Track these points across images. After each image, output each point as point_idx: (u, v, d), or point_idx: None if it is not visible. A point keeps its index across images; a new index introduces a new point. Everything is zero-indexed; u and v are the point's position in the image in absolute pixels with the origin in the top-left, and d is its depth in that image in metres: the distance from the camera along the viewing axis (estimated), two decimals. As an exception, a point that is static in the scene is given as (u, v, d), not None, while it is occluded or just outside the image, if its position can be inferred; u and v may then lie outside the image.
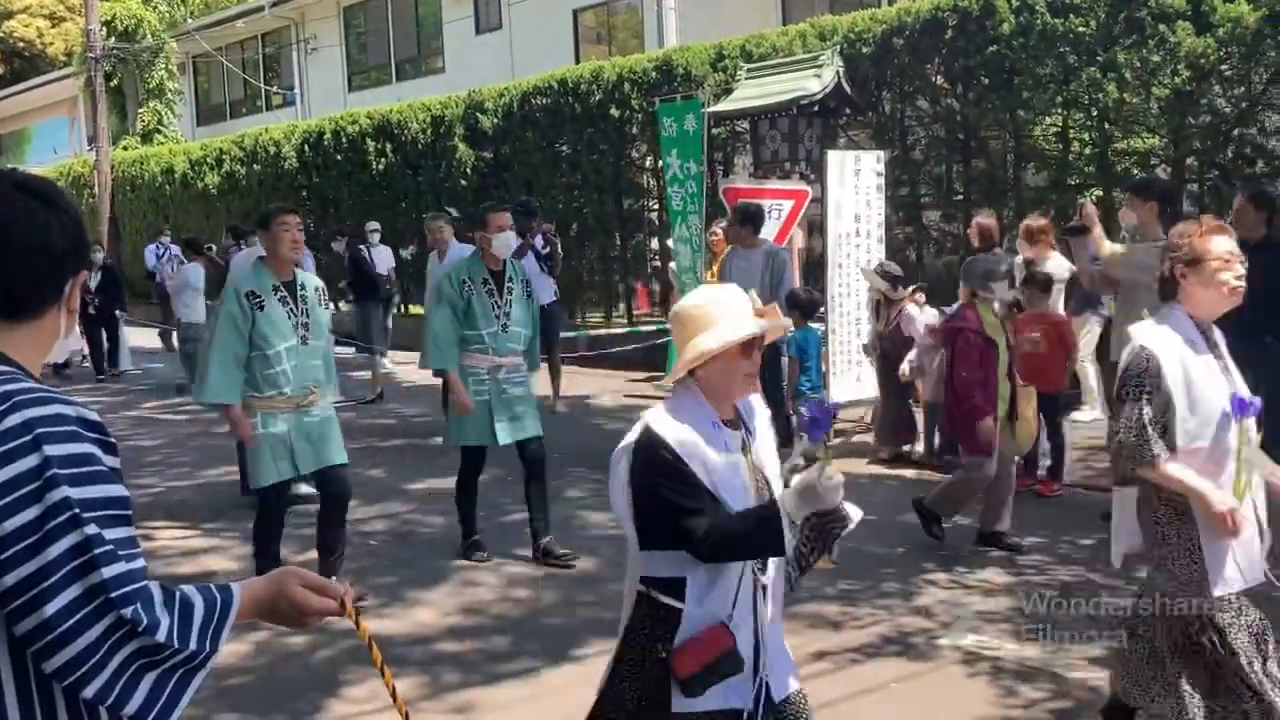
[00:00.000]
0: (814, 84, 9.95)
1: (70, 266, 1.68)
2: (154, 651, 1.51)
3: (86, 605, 1.46)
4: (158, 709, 1.53)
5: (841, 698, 4.17)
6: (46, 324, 1.66)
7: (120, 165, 22.91)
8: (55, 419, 1.52)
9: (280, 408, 5.17)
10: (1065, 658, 4.45)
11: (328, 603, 1.76)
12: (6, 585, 1.45)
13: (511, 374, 5.97)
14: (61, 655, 1.46)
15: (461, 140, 15.61)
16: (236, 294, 5.12)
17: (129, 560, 1.51)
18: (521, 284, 6.06)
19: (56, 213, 1.65)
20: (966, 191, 11.32)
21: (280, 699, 4.25)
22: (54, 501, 1.47)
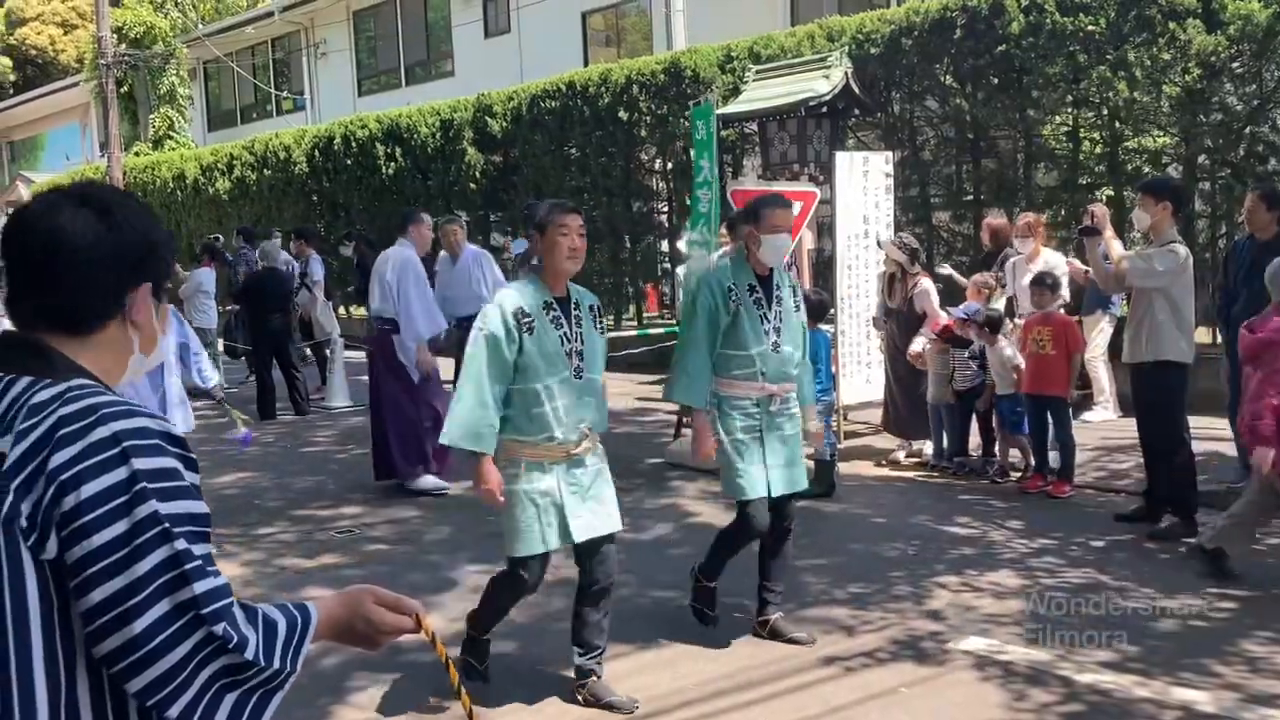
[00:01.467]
0: (822, 85, 9.92)
1: (130, 278, 1.64)
2: (238, 671, 1.49)
3: (176, 621, 1.44)
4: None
5: (851, 702, 4.14)
6: (110, 337, 1.63)
7: (132, 171, 23.00)
8: (141, 432, 1.49)
9: (549, 456, 4.07)
10: (1076, 661, 4.41)
11: (403, 620, 1.74)
12: (93, 602, 1.42)
13: (785, 405, 4.82)
14: (147, 674, 1.42)
15: (470, 144, 15.62)
16: (502, 314, 4.02)
17: (215, 577, 1.49)
18: (790, 292, 4.95)
19: (110, 223, 1.61)
20: (976, 192, 11.28)
21: (287, 705, 4.21)
22: (144, 515, 1.44)
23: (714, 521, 6.73)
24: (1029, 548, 5.99)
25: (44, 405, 1.49)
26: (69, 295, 1.59)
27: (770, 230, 4.74)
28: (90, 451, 1.45)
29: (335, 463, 9.02)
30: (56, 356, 1.57)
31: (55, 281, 1.58)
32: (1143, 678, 4.24)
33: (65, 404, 1.49)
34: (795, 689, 4.29)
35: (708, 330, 4.69)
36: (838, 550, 6.14)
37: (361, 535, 6.77)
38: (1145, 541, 6.04)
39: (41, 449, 1.45)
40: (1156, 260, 6.10)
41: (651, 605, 5.34)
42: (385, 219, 16.61)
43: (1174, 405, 6.17)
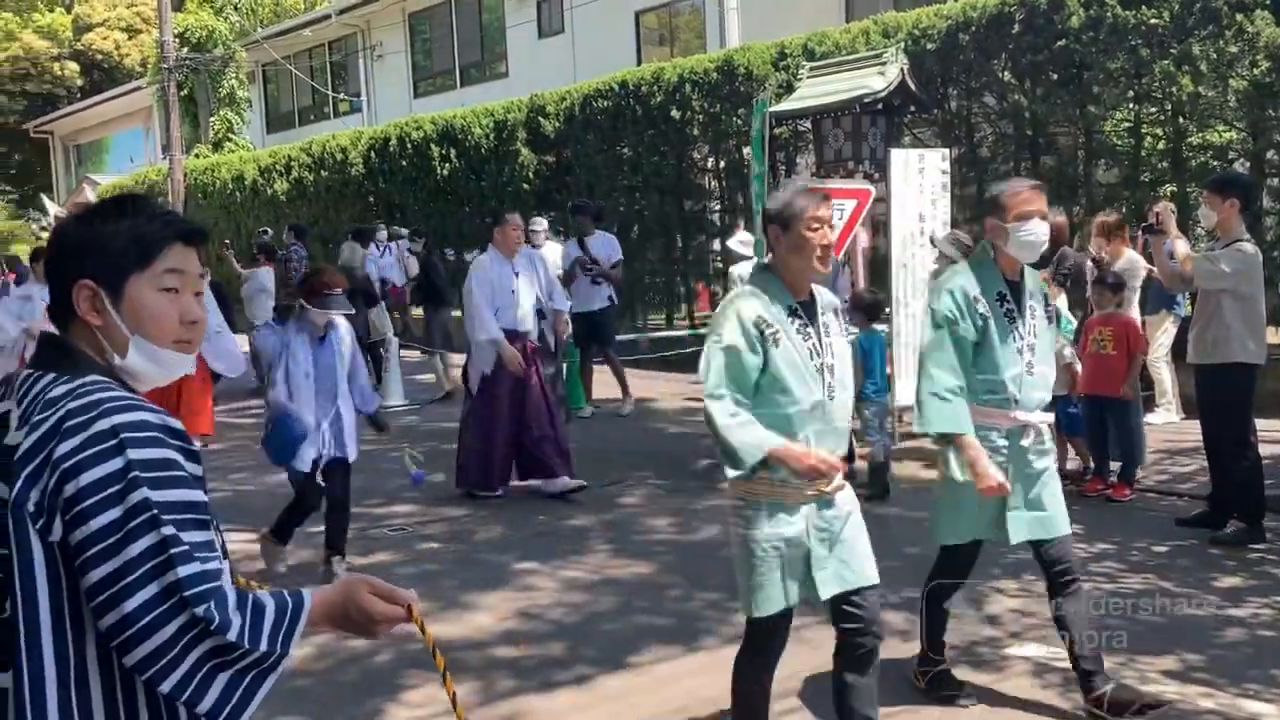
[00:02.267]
0: (878, 82, 9.79)
1: (69, 272, 1.73)
2: (226, 651, 1.57)
3: (164, 603, 1.53)
4: (229, 709, 1.59)
5: (905, 709, 4.07)
6: (86, 330, 1.72)
7: (192, 173, 23.40)
8: (139, 425, 1.60)
9: (796, 498, 3.31)
10: (1137, 669, 4.30)
11: (396, 610, 1.79)
12: (92, 581, 1.53)
13: (1039, 440, 4.01)
14: (140, 650, 1.52)
15: (524, 144, 15.68)
16: (740, 322, 3.25)
17: (204, 562, 1.57)
18: (1042, 301, 4.12)
19: (69, 223, 1.78)
20: (1035, 189, 11.07)
21: (341, 702, 4.27)
22: (135, 502, 1.55)
23: (766, 523, 6.67)
24: (1088, 552, 5.85)
25: (57, 400, 1.62)
26: (55, 293, 1.75)
27: (1020, 217, 3.92)
28: (91, 442, 1.57)
29: (390, 461, 9.06)
30: (79, 355, 1.70)
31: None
32: (1208, 688, 4.12)
33: (75, 399, 1.62)
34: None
35: (952, 348, 3.92)
36: (892, 554, 6.02)
37: (414, 533, 6.81)
38: (1209, 547, 5.89)
39: (49, 440, 1.58)
40: (1223, 261, 5.93)
41: (701, 607, 5.30)
42: (440, 220, 16.76)
43: (1240, 407, 6.00)
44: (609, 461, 8.53)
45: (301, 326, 5.78)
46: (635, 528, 6.73)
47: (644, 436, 9.57)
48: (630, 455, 8.73)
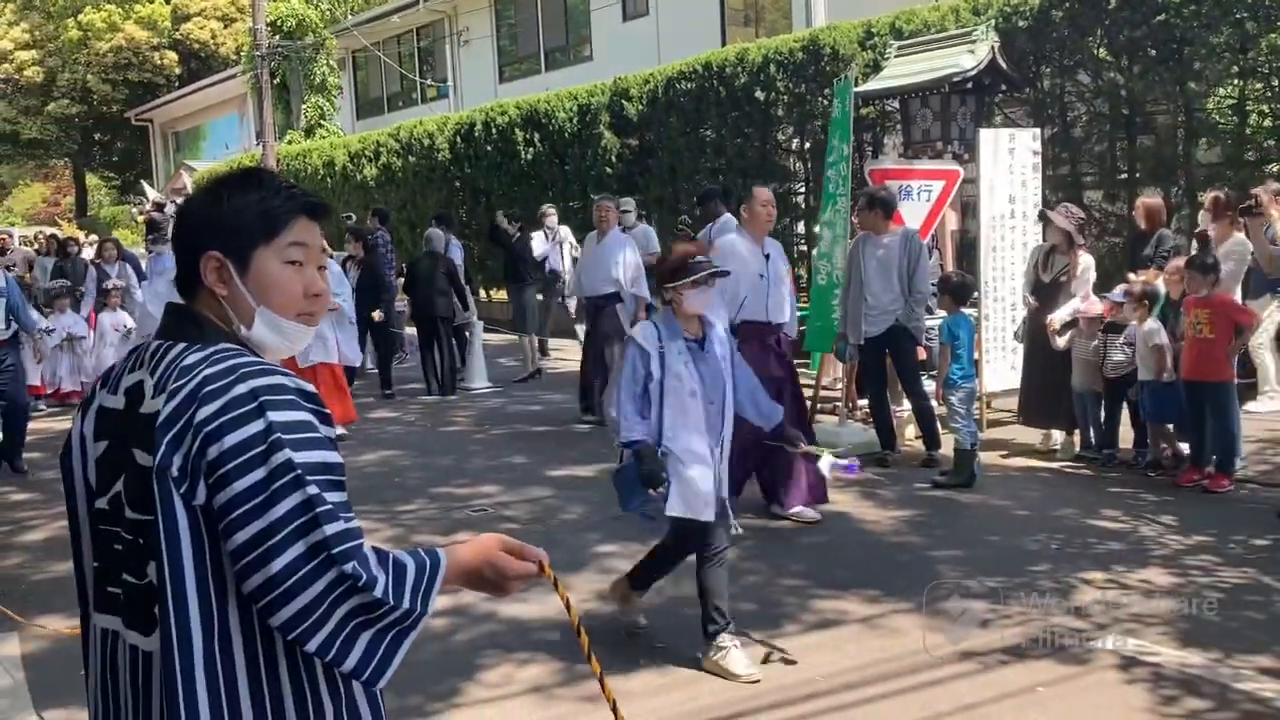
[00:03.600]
0: (968, 60, 9.58)
1: (201, 244, 1.76)
2: (371, 609, 1.58)
3: (310, 561, 1.54)
4: (373, 666, 1.61)
5: (983, 701, 4.00)
6: (210, 299, 1.76)
7: (285, 159, 23.88)
8: (277, 388, 1.63)
9: None
10: (1232, 666, 4.16)
11: (529, 567, 1.80)
12: (237, 543, 1.55)
13: None
14: (287, 610, 1.54)
15: (607, 128, 15.67)
16: None
17: (347, 521, 1.59)
18: None
19: (196, 195, 1.83)
20: (1131, 170, 10.75)
21: (418, 681, 4.33)
22: (279, 463, 1.56)
23: (848, 510, 6.62)
24: (1183, 545, 5.68)
25: (192, 367, 1.64)
26: (180, 267, 1.79)
27: None
28: (231, 406, 1.59)
29: (475, 443, 9.19)
30: (208, 324, 1.73)
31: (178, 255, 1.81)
32: (1307, 687, 3.97)
33: (210, 365, 1.64)
34: (925, 685, 4.17)
35: None
36: (976, 542, 5.94)
37: (496, 514, 6.88)
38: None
39: (189, 405, 1.60)
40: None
41: (782, 593, 5.27)
42: (525, 204, 16.85)
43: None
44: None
45: (672, 327, 4.36)
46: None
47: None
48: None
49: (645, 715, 4.00)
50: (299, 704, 1.64)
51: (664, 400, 4.30)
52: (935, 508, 6.63)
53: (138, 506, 1.63)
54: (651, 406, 4.31)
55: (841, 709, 4.02)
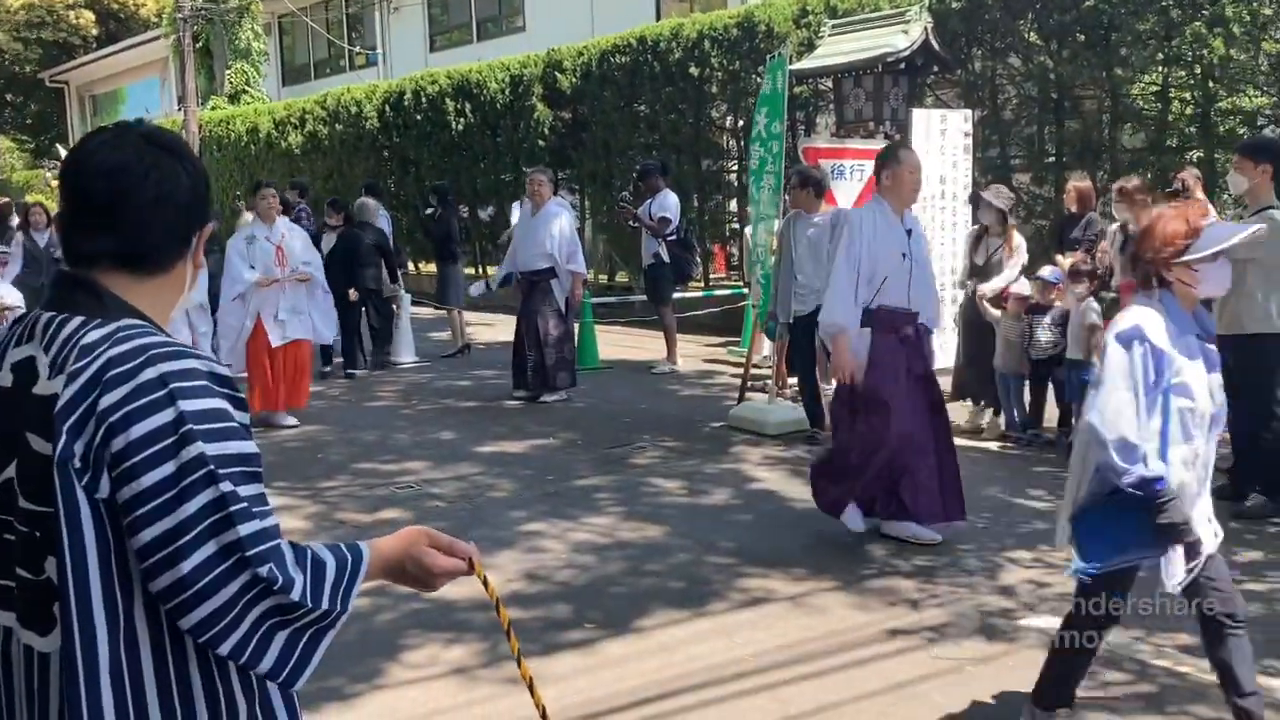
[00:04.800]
0: (901, 41, 9.60)
1: (197, 219, 1.68)
2: (287, 610, 1.50)
3: (223, 563, 1.45)
4: (290, 668, 1.53)
5: (913, 679, 4.01)
6: (174, 278, 1.67)
7: (207, 125, 23.26)
8: (188, 373, 1.51)
9: None
10: (1153, 643, 4.22)
11: (456, 563, 1.73)
12: (143, 541, 1.44)
13: None
14: (197, 612, 1.45)
15: (540, 100, 15.49)
16: None
17: (262, 518, 1.49)
18: None
19: (183, 164, 1.65)
20: (1059, 153, 10.89)
21: (339, 662, 4.21)
22: (190, 457, 1.45)
23: (777, 489, 6.61)
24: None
25: (94, 346, 1.50)
26: (150, 236, 1.61)
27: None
28: (138, 393, 1.47)
29: (401, 418, 9.03)
30: (108, 297, 1.58)
31: (138, 223, 1.60)
32: (1225, 664, 4.03)
33: (114, 345, 1.50)
34: (855, 663, 4.16)
35: None
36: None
37: (423, 491, 6.76)
38: (1230, 521, 5.76)
39: (91, 390, 1.47)
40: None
41: (711, 571, 5.23)
42: (455, 175, 16.61)
43: (1264, 379, 5.87)
44: (620, 422, 8.46)
45: (1180, 318, 3.16)
46: (645, 490, 6.66)
47: (656, 397, 9.49)
48: (641, 417, 8.65)
49: (573, 696, 3.95)
50: (211, 705, 1.54)
51: (1167, 417, 3.12)
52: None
53: (34, 497, 1.50)
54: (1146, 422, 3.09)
55: (770, 688, 4.00)
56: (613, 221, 14.07)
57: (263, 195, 8.70)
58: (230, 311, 8.51)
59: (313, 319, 8.79)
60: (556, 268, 9.16)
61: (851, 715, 3.82)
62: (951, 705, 3.84)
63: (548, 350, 9.21)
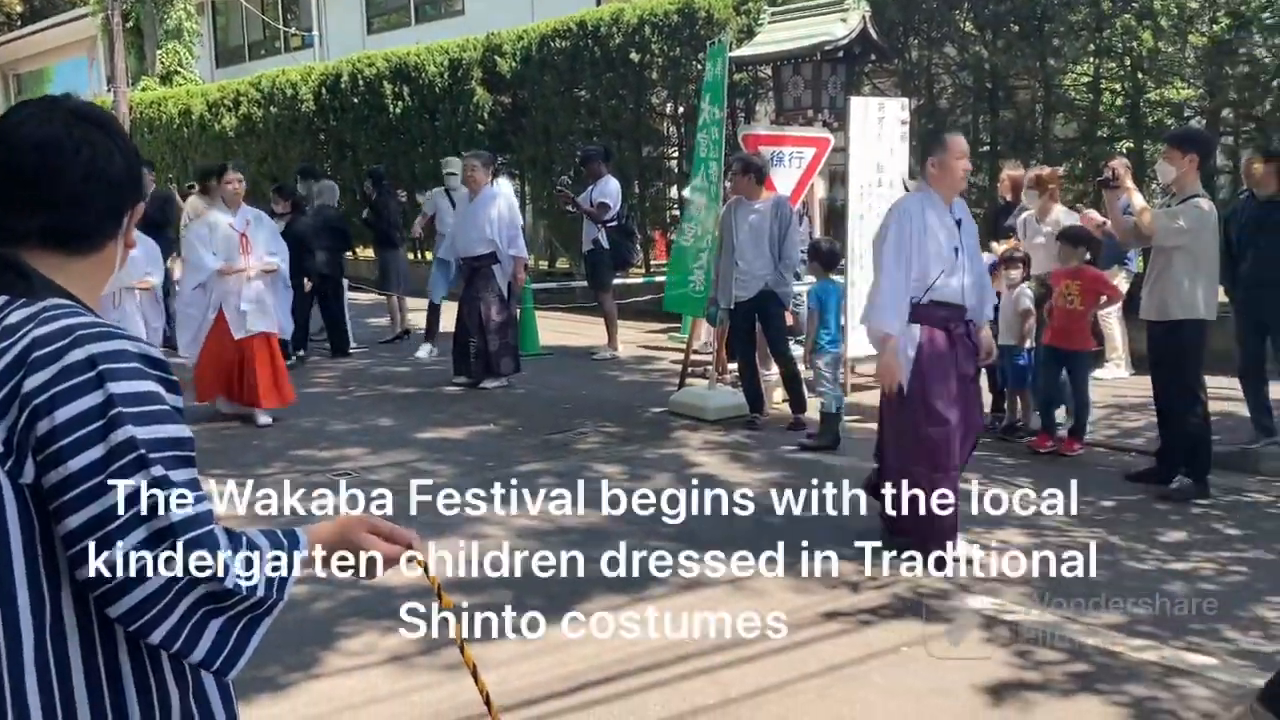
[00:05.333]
0: (839, 29, 9.69)
1: (129, 197, 1.61)
2: (221, 598, 1.46)
3: (153, 549, 1.41)
4: (223, 656, 1.49)
5: (851, 660, 4.07)
6: (104, 257, 1.61)
7: (138, 106, 22.75)
8: (118, 354, 1.45)
9: None
10: (1084, 623, 4.32)
11: (395, 550, 1.71)
12: (70, 528, 1.39)
13: None
14: (127, 600, 1.40)
15: (479, 84, 15.37)
16: None
17: (196, 503, 1.45)
18: None
19: (114, 140, 1.58)
20: (993, 142, 11.05)
21: (274, 651, 4.16)
22: (120, 441, 1.40)
23: (717, 473, 6.65)
24: (1038, 506, 5.86)
25: (18, 326, 1.45)
26: (81, 213, 1.55)
27: None
28: (65, 375, 1.41)
29: (338, 405, 8.93)
30: (36, 276, 1.52)
31: (69, 199, 1.54)
32: (1152, 641, 4.14)
33: (40, 325, 1.45)
34: (794, 646, 4.21)
35: None
36: (844, 504, 6.02)
37: (360, 478, 6.69)
38: (1156, 502, 5.93)
39: (15, 372, 1.42)
40: (1182, 217, 5.92)
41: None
42: (392, 159, 16.42)
43: (1190, 363, 6.03)
44: (561, 408, 8.45)
45: None
46: (586, 475, 6.66)
47: (596, 383, 9.49)
48: (582, 402, 8.65)
49: (515, 681, 3.95)
50: (142, 696, 1.49)
51: None
52: (801, 469, 6.72)
53: None
54: None
55: (710, 671, 4.03)
56: (553, 207, 14.02)
57: (229, 179, 8.17)
58: (191, 301, 8.07)
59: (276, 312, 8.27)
60: (498, 252, 9.10)
61: (790, 697, 3.87)
62: (889, 686, 3.90)
63: (490, 336, 9.17)
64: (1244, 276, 6.77)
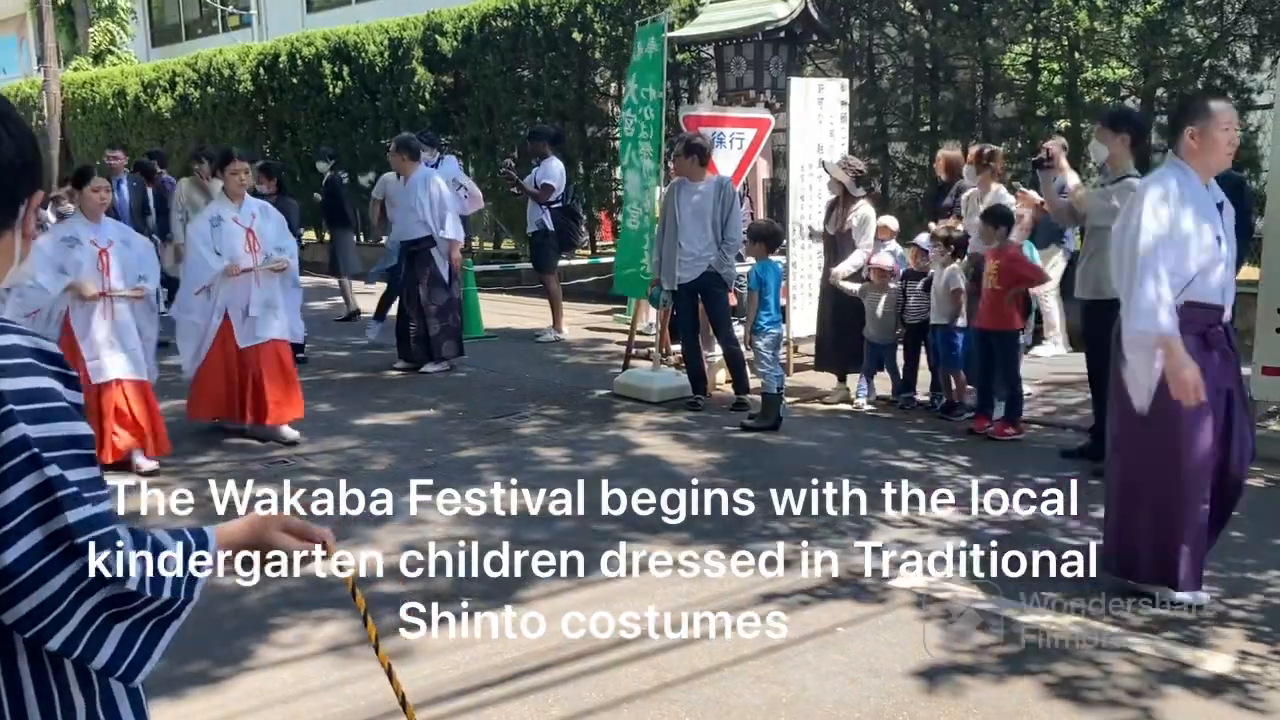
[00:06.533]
0: (780, 9, 9.66)
1: (25, 185, 1.52)
2: (124, 601, 1.41)
3: (50, 552, 1.36)
4: (128, 662, 1.44)
5: (787, 642, 4.07)
6: (4, 247, 1.51)
7: (70, 87, 22.22)
8: (9, 350, 1.40)
9: None
10: (1017, 600, 4.36)
11: (309, 547, 1.67)
12: None
13: None
14: (23, 605, 1.35)
15: (420, 63, 15.19)
16: None
17: (95, 503, 1.40)
18: None
19: (6, 124, 1.49)
20: (934, 122, 11.12)
21: (205, 644, 4.10)
22: (10, 440, 1.35)
23: (659, 454, 6.64)
24: (974, 484, 5.94)
25: None
26: None
27: None
28: None
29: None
30: None
31: None
32: (1083, 618, 4.20)
33: None
34: (732, 627, 4.21)
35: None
36: (780, 484, 6.04)
37: (297, 465, 6.61)
38: (1091, 479, 6.00)
39: None
40: (1115, 197, 5.97)
41: (593, 539, 5.23)
42: (333, 140, 16.18)
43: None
44: (504, 391, 8.40)
45: None
46: (528, 459, 6.64)
47: (540, 366, 9.44)
48: (526, 385, 8.60)
49: (450, 671, 3.93)
50: (44, 704, 1.45)
51: None
52: (743, 450, 6.74)
53: None
54: None
55: (647, 655, 4.03)
56: (498, 188, 13.90)
57: (234, 169, 7.07)
58: (193, 308, 7.06)
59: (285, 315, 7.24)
60: (435, 235, 9.01)
61: (727, 679, 3.88)
62: (824, 666, 3.92)
63: (431, 320, 9.08)
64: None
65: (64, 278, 6.24)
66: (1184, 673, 3.82)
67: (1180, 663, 3.89)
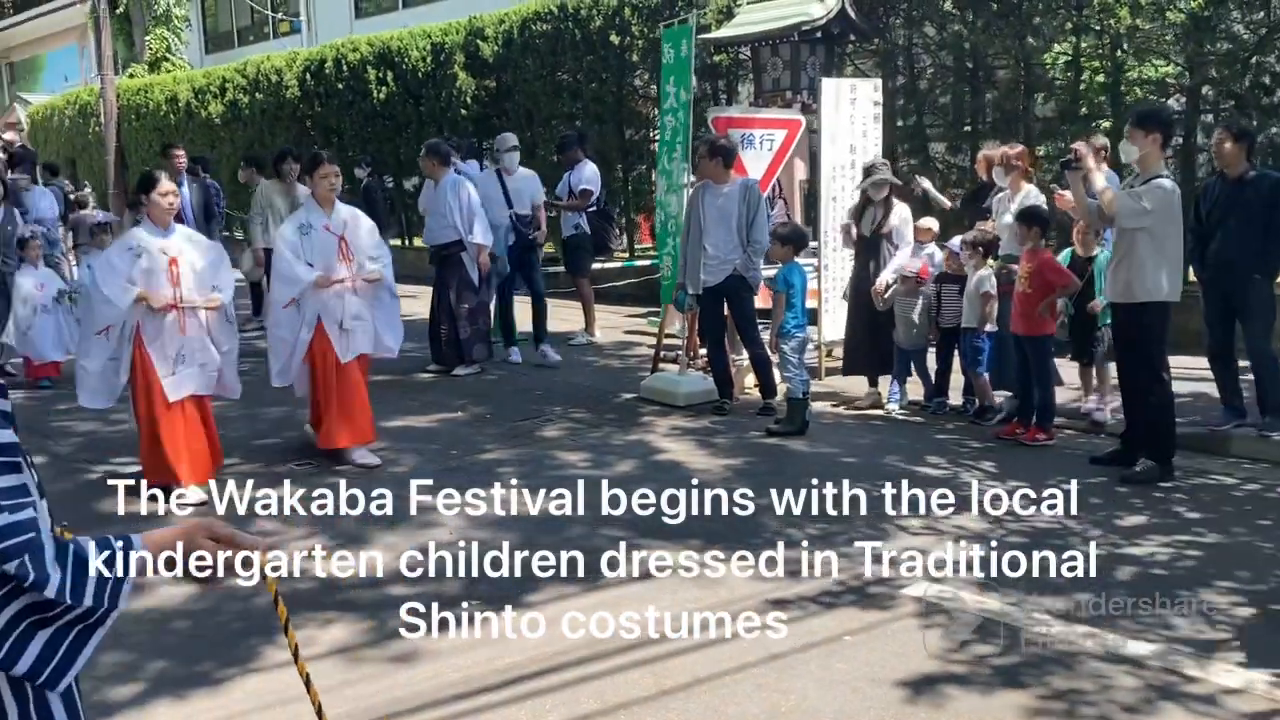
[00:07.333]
0: (817, 9, 9.57)
1: None
2: (44, 609, 1.42)
3: None
4: (51, 668, 1.44)
5: (791, 650, 4.02)
6: None
7: (125, 94, 22.66)
8: None
9: None
10: (1027, 609, 4.27)
11: (235, 555, 1.69)
12: None
13: None
14: None
15: (462, 68, 15.27)
16: None
17: (14, 511, 1.40)
18: None
19: None
20: (975, 122, 10.95)
21: (216, 645, 4.14)
22: None
23: (682, 460, 6.60)
24: (999, 491, 5.81)
25: None
26: None
27: None
28: None
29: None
30: None
31: None
32: (1093, 628, 4.10)
33: None
34: (737, 635, 4.15)
35: None
36: (801, 490, 5.97)
37: (323, 467, 6.65)
38: (1118, 485, 5.88)
39: None
40: (1145, 198, 5.85)
41: (604, 544, 5.20)
42: (377, 145, 16.34)
43: (1153, 345, 5.96)
44: (532, 395, 8.41)
45: None
46: (549, 462, 6.63)
47: (570, 369, 9.44)
48: (554, 389, 8.60)
49: (451, 674, 3.93)
50: None
51: None
52: (766, 455, 6.67)
53: None
54: None
55: (649, 662, 4.00)
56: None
57: (323, 173, 6.54)
58: (282, 322, 6.64)
59: (376, 328, 6.76)
60: (464, 239, 9.04)
61: (728, 687, 3.84)
62: (828, 675, 3.86)
63: (461, 324, 9.12)
64: (1212, 256, 6.68)
65: (132, 289, 5.87)
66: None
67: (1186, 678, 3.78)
